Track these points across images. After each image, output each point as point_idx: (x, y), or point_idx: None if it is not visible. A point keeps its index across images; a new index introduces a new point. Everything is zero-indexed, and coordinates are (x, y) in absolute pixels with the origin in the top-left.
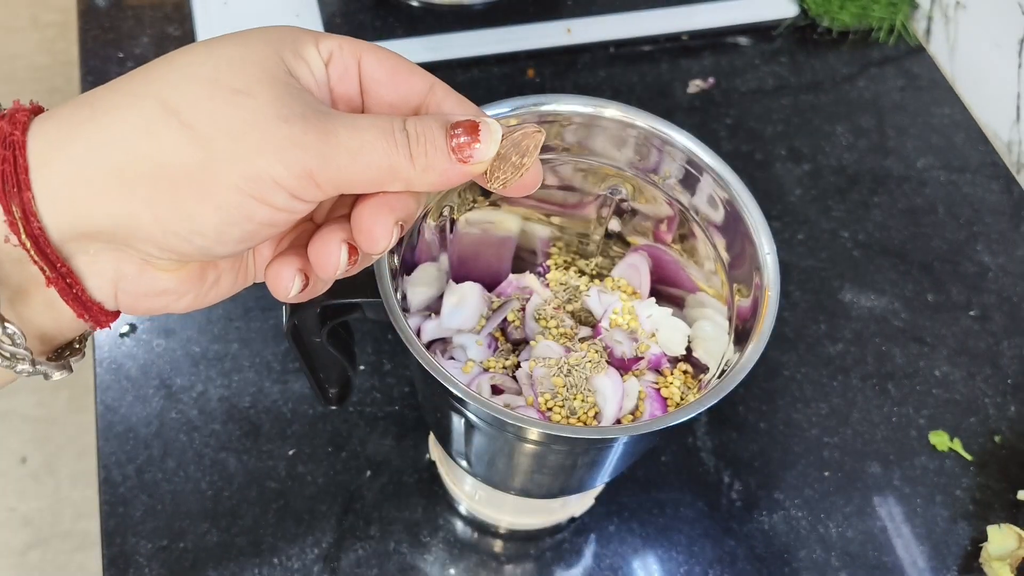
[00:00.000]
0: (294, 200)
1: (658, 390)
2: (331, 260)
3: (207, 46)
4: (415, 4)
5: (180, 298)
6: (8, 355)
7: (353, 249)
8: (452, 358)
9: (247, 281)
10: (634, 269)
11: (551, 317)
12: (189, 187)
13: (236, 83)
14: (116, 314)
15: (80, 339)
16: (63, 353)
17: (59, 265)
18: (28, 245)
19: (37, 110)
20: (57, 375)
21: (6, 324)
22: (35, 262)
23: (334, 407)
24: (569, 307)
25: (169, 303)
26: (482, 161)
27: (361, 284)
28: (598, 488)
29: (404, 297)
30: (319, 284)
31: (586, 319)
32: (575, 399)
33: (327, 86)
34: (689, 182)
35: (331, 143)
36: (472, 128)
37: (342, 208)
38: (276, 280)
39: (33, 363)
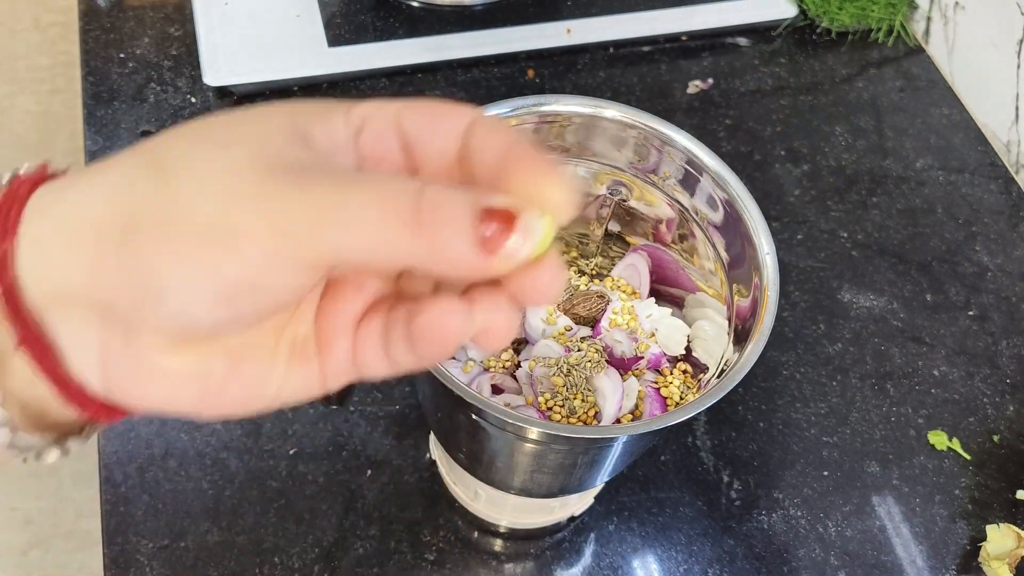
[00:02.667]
0: (270, 259)
1: (657, 390)
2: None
3: (229, 112)
4: (415, 5)
5: (180, 388)
6: None
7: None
8: (452, 358)
9: (273, 391)
10: (634, 269)
11: (551, 316)
12: (152, 234)
13: (224, 138)
14: (110, 409)
15: (85, 427)
16: (63, 436)
17: (32, 326)
18: None
19: (60, 175)
20: (51, 455)
21: None
22: (6, 318)
23: (335, 407)
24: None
25: (168, 393)
26: (513, 259)
27: None
28: (598, 487)
29: None
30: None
31: (586, 319)
32: (575, 399)
33: (352, 147)
34: (689, 182)
35: (310, 193)
36: (507, 218)
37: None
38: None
39: (12, 430)
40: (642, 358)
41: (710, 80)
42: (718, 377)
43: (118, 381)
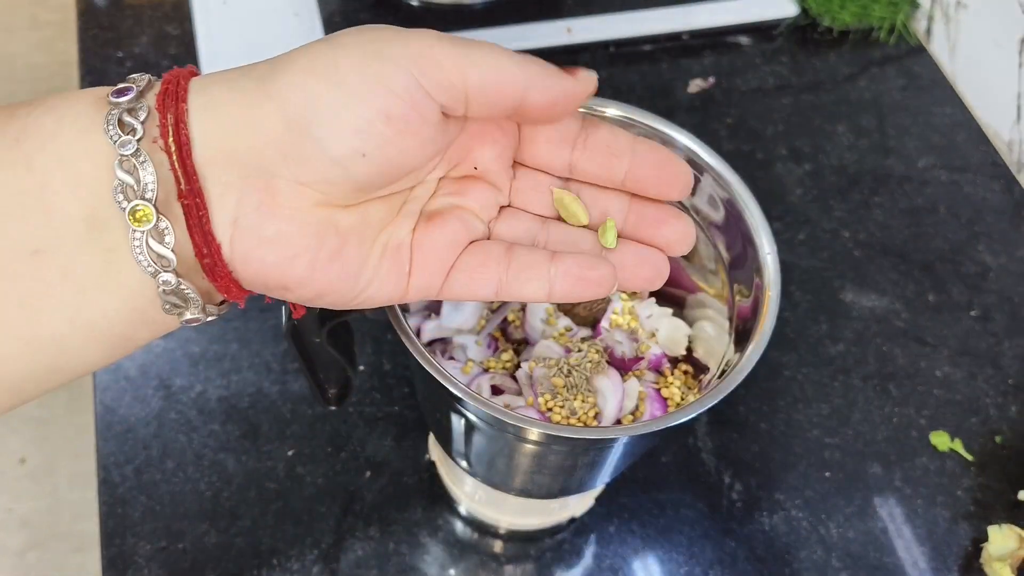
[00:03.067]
0: (415, 87)
1: (658, 390)
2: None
3: None
4: (415, 4)
5: (294, 256)
6: (155, 256)
7: None
8: (452, 358)
9: (382, 280)
10: None
11: (551, 316)
12: (317, 69)
13: (370, 27)
14: (231, 282)
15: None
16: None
17: (193, 182)
18: (173, 149)
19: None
20: (193, 311)
21: (160, 217)
22: (173, 169)
23: (333, 407)
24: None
25: (282, 259)
26: (588, 80)
27: None
28: (598, 489)
29: None
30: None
31: (586, 319)
32: (575, 399)
33: None
34: None
35: (448, 37)
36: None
37: None
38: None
39: (177, 275)
40: (643, 359)
41: (711, 79)
42: (719, 378)
43: (243, 243)
